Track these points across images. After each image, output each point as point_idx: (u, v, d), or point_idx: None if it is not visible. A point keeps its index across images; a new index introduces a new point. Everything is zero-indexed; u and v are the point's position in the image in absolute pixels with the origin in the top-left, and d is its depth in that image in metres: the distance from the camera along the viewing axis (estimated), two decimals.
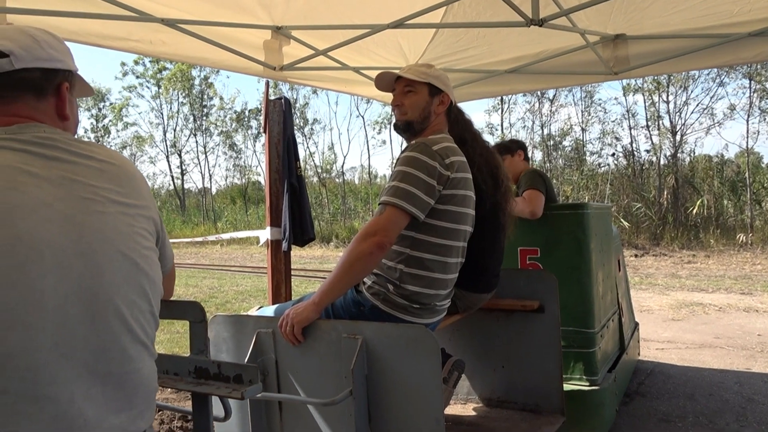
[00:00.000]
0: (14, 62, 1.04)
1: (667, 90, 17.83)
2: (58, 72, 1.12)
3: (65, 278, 0.95)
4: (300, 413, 1.99)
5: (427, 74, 2.17)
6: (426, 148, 1.97)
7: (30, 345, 0.89)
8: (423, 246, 1.99)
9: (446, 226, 2.01)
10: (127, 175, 1.12)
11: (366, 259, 1.85)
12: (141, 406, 1.05)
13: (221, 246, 21.29)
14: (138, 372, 1.05)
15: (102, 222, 1.02)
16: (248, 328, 2.06)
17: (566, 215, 3.13)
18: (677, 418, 3.41)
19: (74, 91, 1.19)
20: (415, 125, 2.18)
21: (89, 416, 0.95)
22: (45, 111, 1.10)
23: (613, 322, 3.60)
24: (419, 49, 4.18)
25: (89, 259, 0.98)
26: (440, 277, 2.03)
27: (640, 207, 15.88)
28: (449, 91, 2.22)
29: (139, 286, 1.06)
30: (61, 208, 0.98)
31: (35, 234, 0.93)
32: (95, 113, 31.76)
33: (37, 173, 0.98)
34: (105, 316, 0.99)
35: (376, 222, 1.87)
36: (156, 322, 1.13)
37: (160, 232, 1.21)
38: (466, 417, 2.77)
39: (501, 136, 21.12)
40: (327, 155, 27.36)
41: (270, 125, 4.05)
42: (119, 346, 1.01)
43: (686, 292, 8.39)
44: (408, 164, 1.94)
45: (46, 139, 1.04)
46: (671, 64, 3.86)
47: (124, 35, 3.03)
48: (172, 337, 6.31)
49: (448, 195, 1.99)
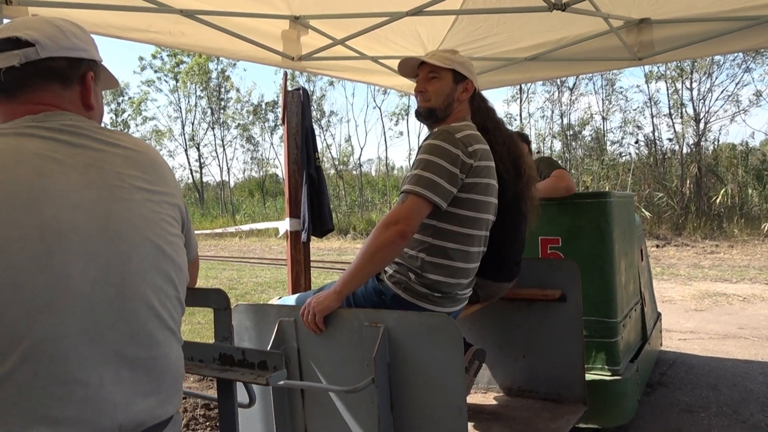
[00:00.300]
0: (40, 51, 1.05)
1: (691, 77, 17.49)
2: (83, 61, 1.13)
3: (93, 264, 0.96)
4: (322, 401, 1.99)
5: (451, 60, 2.14)
6: (449, 135, 1.94)
7: (59, 330, 0.90)
8: (445, 235, 1.98)
9: (469, 214, 1.99)
10: (152, 162, 1.13)
11: (388, 247, 1.84)
12: (169, 390, 1.06)
13: (240, 238, 21.44)
14: (166, 357, 1.06)
15: (129, 209, 1.03)
16: (270, 316, 2.07)
17: (589, 204, 3.09)
18: (700, 409, 3.37)
19: (99, 81, 1.20)
20: (438, 112, 2.15)
21: (118, 400, 0.96)
22: (70, 100, 1.11)
23: (636, 312, 3.56)
24: (438, 37, 4.14)
25: (117, 245, 0.99)
26: (462, 266, 2.01)
27: (662, 197, 15.66)
28: (473, 78, 2.18)
29: (166, 272, 1.07)
30: (88, 194, 0.99)
31: (62, 220, 0.94)
32: (114, 108, 32.07)
33: (63, 160, 0.99)
34: (133, 302, 1.00)
35: (398, 210, 1.86)
36: (182, 307, 1.14)
37: (185, 219, 1.21)
38: (487, 406, 2.76)
39: (520, 126, 20.94)
40: (344, 147, 27.38)
41: (288, 116, 4.05)
42: (147, 331, 1.02)
43: (709, 282, 8.27)
44: (430, 152, 1.92)
45: (72, 127, 1.05)
46: (697, 49, 3.78)
47: (144, 27, 3.04)
48: (193, 328, 6.37)
49: (471, 183, 1.97)
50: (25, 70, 1.05)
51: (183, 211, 1.20)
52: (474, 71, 2.21)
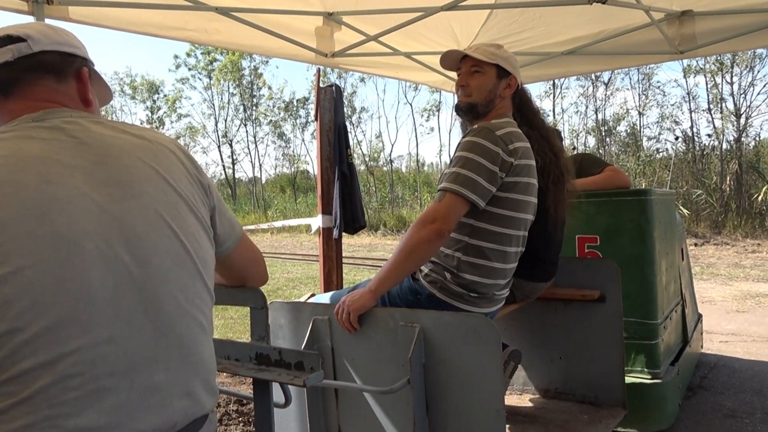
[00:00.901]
0: (32, 45, 1.05)
1: (731, 70, 16.98)
2: (76, 57, 1.12)
3: (112, 269, 0.93)
4: (357, 401, 1.98)
5: (496, 55, 2.07)
6: (489, 133, 1.90)
7: (85, 341, 0.88)
8: (482, 234, 1.94)
9: (507, 214, 1.94)
10: (161, 148, 1.09)
11: (424, 246, 1.81)
12: (202, 388, 1.04)
13: (272, 234, 21.65)
14: (197, 355, 1.04)
15: (142, 205, 0.99)
16: (305, 314, 2.06)
17: (628, 202, 3.00)
18: (744, 414, 3.26)
19: (94, 83, 1.18)
20: (479, 108, 2.09)
21: (152, 402, 0.95)
22: (67, 94, 1.10)
23: (677, 313, 3.46)
24: (472, 32, 4.09)
25: (134, 246, 0.96)
26: (499, 266, 1.97)
27: (700, 194, 15.26)
28: (517, 74, 2.12)
29: (189, 266, 1.04)
30: (96, 196, 0.95)
31: (74, 227, 0.91)
32: (150, 105, 32.69)
33: (68, 162, 0.96)
34: (158, 303, 0.97)
35: (435, 209, 1.82)
36: (212, 300, 1.11)
37: (213, 199, 1.17)
38: (523, 408, 2.71)
39: (553, 122, 20.65)
40: (375, 143, 27.42)
41: (321, 112, 4.04)
42: (176, 331, 1.00)
43: (751, 282, 8.02)
44: (470, 150, 1.87)
45: (73, 123, 1.02)
46: (740, 42, 3.65)
47: (180, 25, 3.07)
48: (226, 323, 6.44)
49: (511, 182, 1.92)
50: (19, 65, 1.04)
51: (207, 192, 1.15)
52: (518, 67, 2.14)
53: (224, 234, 1.22)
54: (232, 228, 1.25)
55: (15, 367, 0.84)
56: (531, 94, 2.40)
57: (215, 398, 1.10)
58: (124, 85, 32.58)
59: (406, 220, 19.24)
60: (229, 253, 1.27)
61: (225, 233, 1.22)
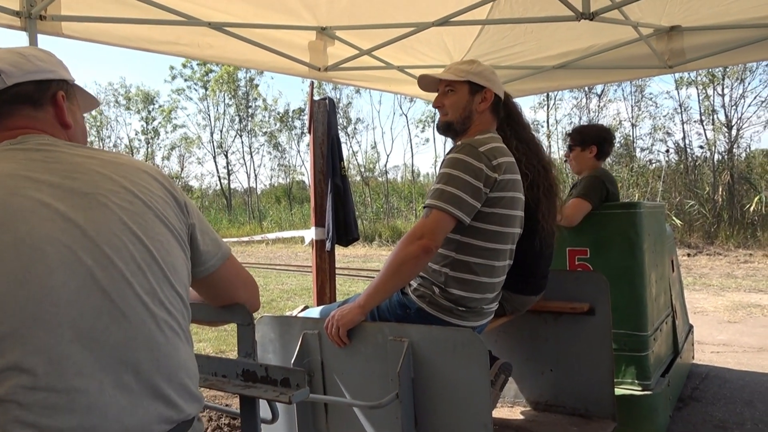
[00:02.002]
0: (6, 79, 1.09)
1: (722, 82, 17.13)
2: (51, 82, 1.15)
3: (75, 273, 0.95)
4: (346, 415, 1.98)
5: (466, 72, 2.09)
6: (472, 149, 1.91)
7: (49, 341, 0.90)
8: (469, 249, 1.95)
9: (493, 229, 1.96)
10: (132, 167, 1.12)
11: (412, 262, 1.82)
12: (180, 391, 1.05)
13: (266, 244, 21.62)
14: (171, 357, 1.04)
15: (105, 214, 1.02)
16: (295, 329, 2.07)
17: (618, 214, 3.03)
18: (734, 425, 3.27)
19: (75, 100, 1.22)
20: (456, 125, 2.11)
21: (123, 404, 0.96)
22: (45, 120, 1.13)
23: (667, 325, 3.48)
24: (464, 46, 4.13)
25: (97, 251, 0.98)
26: (487, 280, 1.99)
27: (693, 204, 15.33)
28: (493, 86, 2.11)
29: (156, 271, 1.05)
30: (60, 206, 0.99)
31: (36, 234, 0.94)
32: (145, 116, 32.67)
33: (37, 177, 1.00)
34: (124, 305, 0.99)
35: (422, 225, 1.84)
36: (186, 307, 1.12)
37: (190, 217, 1.18)
38: (514, 421, 2.72)
39: (546, 132, 20.76)
40: (370, 154, 27.46)
41: (314, 125, 4.06)
42: (144, 333, 1.01)
43: (743, 293, 8.06)
44: (454, 166, 1.89)
45: (47, 146, 1.07)
46: (729, 56, 3.70)
47: (173, 39, 3.09)
48: (219, 335, 6.42)
49: (496, 197, 1.93)
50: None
51: (183, 208, 1.17)
52: (495, 79, 2.14)
53: (208, 252, 1.23)
54: (217, 247, 1.26)
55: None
56: (521, 108, 2.44)
57: (198, 404, 1.10)
58: (119, 96, 32.60)
59: (401, 231, 19.23)
60: (214, 272, 1.27)
61: (209, 251, 1.24)
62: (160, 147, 33.21)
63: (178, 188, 1.19)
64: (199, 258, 1.22)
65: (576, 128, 3.44)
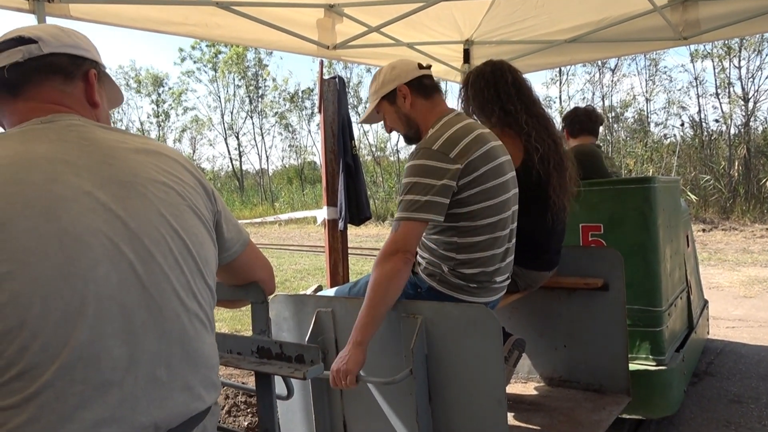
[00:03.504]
0: (42, 47, 1.07)
1: (739, 55, 16.78)
2: (85, 59, 1.14)
3: (117, 266, 0.95)
4: (360, 392, 2.00)
5: (375, 93, 2.09)
6: (426, 151, 1.87)
7: (89, 335, 0.90)
8: (469, 232, 1.93)
9: (483, 206, 1.91)
10: (165, 155, 1.12)
11: (395, 277, 1.77)
12: (204, 382, 1.07)
13: (279, 225, 21.70)
14: (199, 350, 1.06)
15: (145, 205, 1.02)
16: (308, 307, 2.08)
17: (632, 190, 2.99)
18: (750, 400, 3.27)
19: (103, 85, 1.20)
20: (410, 134, 2.11)
21: (153, 397, 0.97)
22: (74, 96, 1.12)
23: (682, 300, 3.46)
24: (474, 21, 4.07)
25: (138, 244, 0.98)
26: (495, 252, 1.97)
27: (708, 179, 15.15)
28: (396, 80, 2.04)
29: (191, 265, 1.06)
30: (101, 195, 0.97)
31: (80, 225, 0.93)
32: (155, 98, 32.72)
33: (75, 162, 0.98)
34: (161, 300, 0.99)
35: (393, 240, 1.80)
36: (213, 297, 1.14)
37: (217, 205, 1.19)
38: (527, 396, 2.73)
39: (559, 109, 20.53)
40: (381, 134, 27.33)
41: (325, 105, 4.04)
42: (178, 327, 1.02)
43: (759, 267, 7.99)
44: (413, 174, 1.86)
45: (79, 126, 1.05)
46: (745, 27, 3.61)
47: (181, 20, 3.08)
48: (234, 315, 6.49)
49: (470, 180, 1.88)
50: (28, 66, 1.06)
51: (211, 197, 1.18)
52: (393, 72, 2.06)
53: (231, 239, 1.25)
54: (239, 233, 1.28)
55: (24, 361, 0.86)
56: (531, 83, 2.41)
57: (217, 393, 1.12)
58: (129, 78, 32.64)
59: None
60: (236, 258, 1.29)
61: (232, 238, 1.25)
62: (171, 129, 33.35)
63: (203, 175, 1.19)
64: (223, 245, 1.23)
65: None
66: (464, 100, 2.50)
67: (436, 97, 2.09)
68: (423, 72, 2.07)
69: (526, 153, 2.30)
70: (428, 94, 2.07)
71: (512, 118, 2.33)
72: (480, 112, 2.43)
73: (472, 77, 2.45)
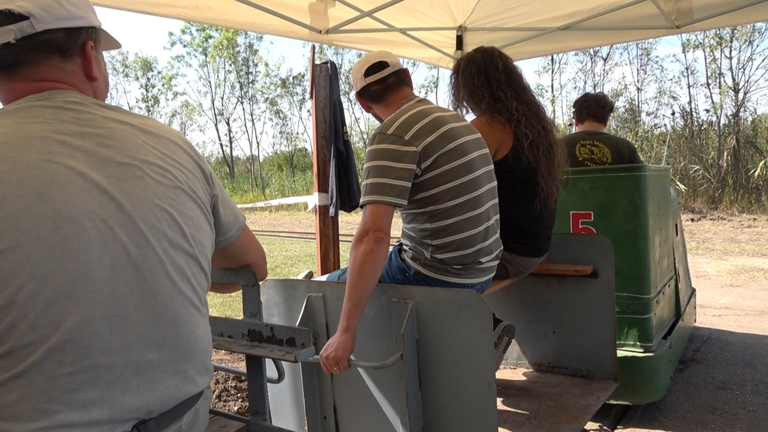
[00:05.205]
0: (35, 24, 1.00)
1: (730, 45, 16.87)
2: (81, 30, 1.08)
3: (110, 249, 0.94)
4: (351, 376, 2.01)
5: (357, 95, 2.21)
6: (380, 135, 1.91)
7: (80, 317, 0.89)
8: (439, 215, 1.93)
9: (447, 187, 1.92)
10: (163, 137, 1.09)
11: (370, 258, 1.76)
12: (197, 366, 1.06)
13: (270, 212, 21.64)
14: (192, 334, 1.05)
15: (141, 188, 1.00)
16: (299, 292, 2.08)
17: (622, 177, 3.01)
18: (735, 386, 3.31)
19: (100, 47, 1.15)
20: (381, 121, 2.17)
21: (144, 380, 0.96)
22: (72, 72, 1.07)
23: (670, 288, 3.49)
24: (467, 7, 4.05)
25: (132, 227, 0.97)
26: (472, 232, 1.96)
27: (697, 169, 15.26)
28: (360, 80, 2.15)
29: (186, 249, 1.05)
30: (96, 176, 0.95)
31: (74, 206, 0.91)
32: (144, 83, 32.40)
33: (70, 142, 0.96)
34: (154, 284, 0.98)
35: (363, 224, 1.82)
36: (208, 282, 1.13)
37: (214, 188, 1.17)
38: (517, 382, 2.75)
39: (551, 98, 20.54)
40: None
41: (316, 90, 4.02)
42: (171, 311, 1.01)
43: (746, 257, 8.07)
44: (372, 158, 1.88)
45: (76, 104, 1.02)
46: (738, 16, 3.62)
47: (171, 2, 3.03)
48: (224, 301, 6.48)
49: (430, 163, 1.89)
50: (22, 46, 1.00)
51: (209, 180, 1.16)
52: (353, 79, 2.20)
53: (228, 223, 1.23)
54: (235, 217, 1.26)
55: (12, 341, 0.85)
56: (521, 71, 2.42)
57: (209, 377, 1.12)
58: (116, 62, 32.26)
59: None
60: (233, 242, 1.28)
61: (228, 222, 1.23)
62: (160, 114, 33.05)
63: (202, 157, 1.17)
64: (220, 229, 1.21)
65: None
66: (454, 86, 2.50)
67: (390, 95, 2.13)
68: (368, 80, 2.12)
69: (515, 139, 2.31)
70: (380, 97, 2.16)
71: (502, 105, 2.34)
72: (470, 98, 2.44)
73: (463, 63, 2.45)
